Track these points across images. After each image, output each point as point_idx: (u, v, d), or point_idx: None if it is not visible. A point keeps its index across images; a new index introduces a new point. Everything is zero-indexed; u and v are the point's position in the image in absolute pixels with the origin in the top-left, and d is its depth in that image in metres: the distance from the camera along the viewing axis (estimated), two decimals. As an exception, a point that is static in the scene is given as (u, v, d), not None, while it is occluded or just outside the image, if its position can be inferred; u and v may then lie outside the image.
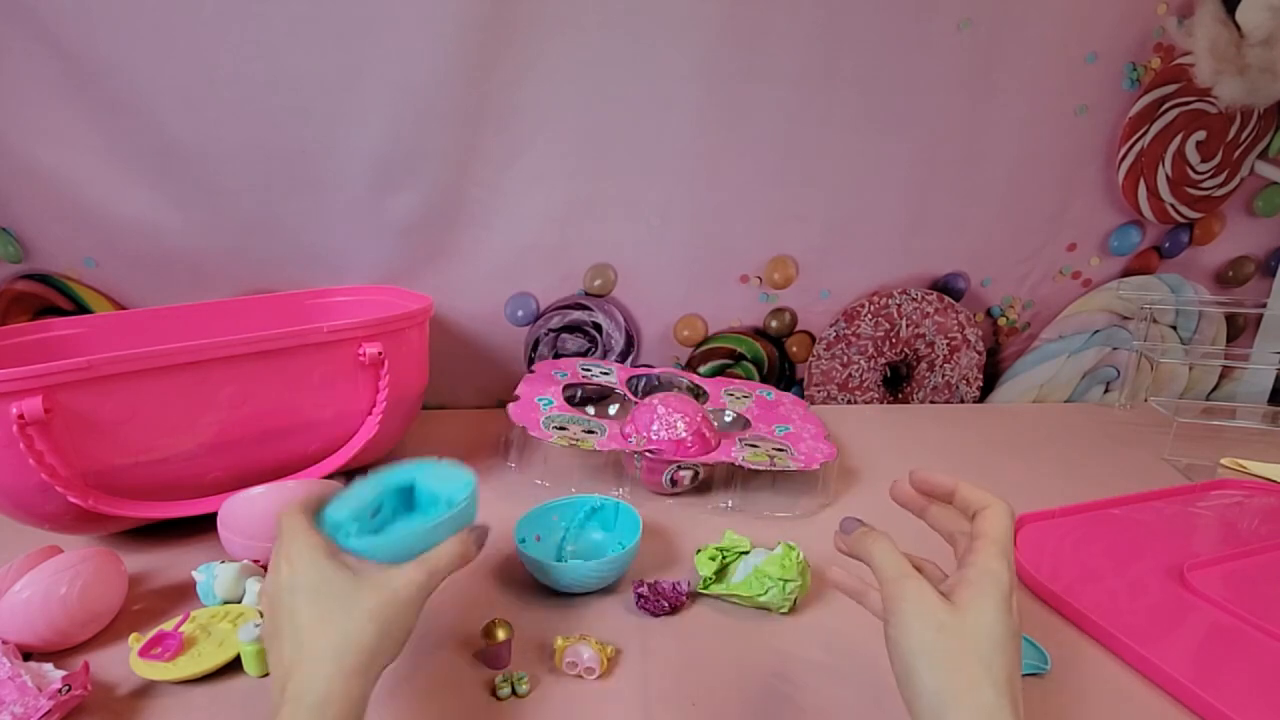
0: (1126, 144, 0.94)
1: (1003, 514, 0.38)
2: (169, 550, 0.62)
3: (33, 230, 0.81)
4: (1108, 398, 1.08)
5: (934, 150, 0.91)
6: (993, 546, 0.37)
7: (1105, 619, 0.53)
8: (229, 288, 0.86)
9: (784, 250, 0.95)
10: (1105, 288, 1.02)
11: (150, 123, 0.78)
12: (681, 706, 0.46)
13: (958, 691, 0.32)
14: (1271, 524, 0.71)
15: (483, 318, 0.94)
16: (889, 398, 1.05)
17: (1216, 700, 0.45)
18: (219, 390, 0.62)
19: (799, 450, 0.76)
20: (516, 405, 0.78)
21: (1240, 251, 1.02)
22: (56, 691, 0.43)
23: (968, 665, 0.33)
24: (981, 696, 0.32)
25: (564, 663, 0.48)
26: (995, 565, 0.36)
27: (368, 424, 0.71)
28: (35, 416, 0.52)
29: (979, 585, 0.35)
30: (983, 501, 0.39)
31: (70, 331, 0.72)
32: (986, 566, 0.36)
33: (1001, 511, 0.39)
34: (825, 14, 0.83)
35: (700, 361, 1.00)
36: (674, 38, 0.83)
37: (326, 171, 0.83)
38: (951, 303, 1.00)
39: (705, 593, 0.57)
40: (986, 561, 0.36)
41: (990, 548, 0.37)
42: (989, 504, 0.39)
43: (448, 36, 0.79)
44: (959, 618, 0.34)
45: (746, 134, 0.88)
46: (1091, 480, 0.79)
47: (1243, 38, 0.87)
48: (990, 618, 0.34)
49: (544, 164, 0.87)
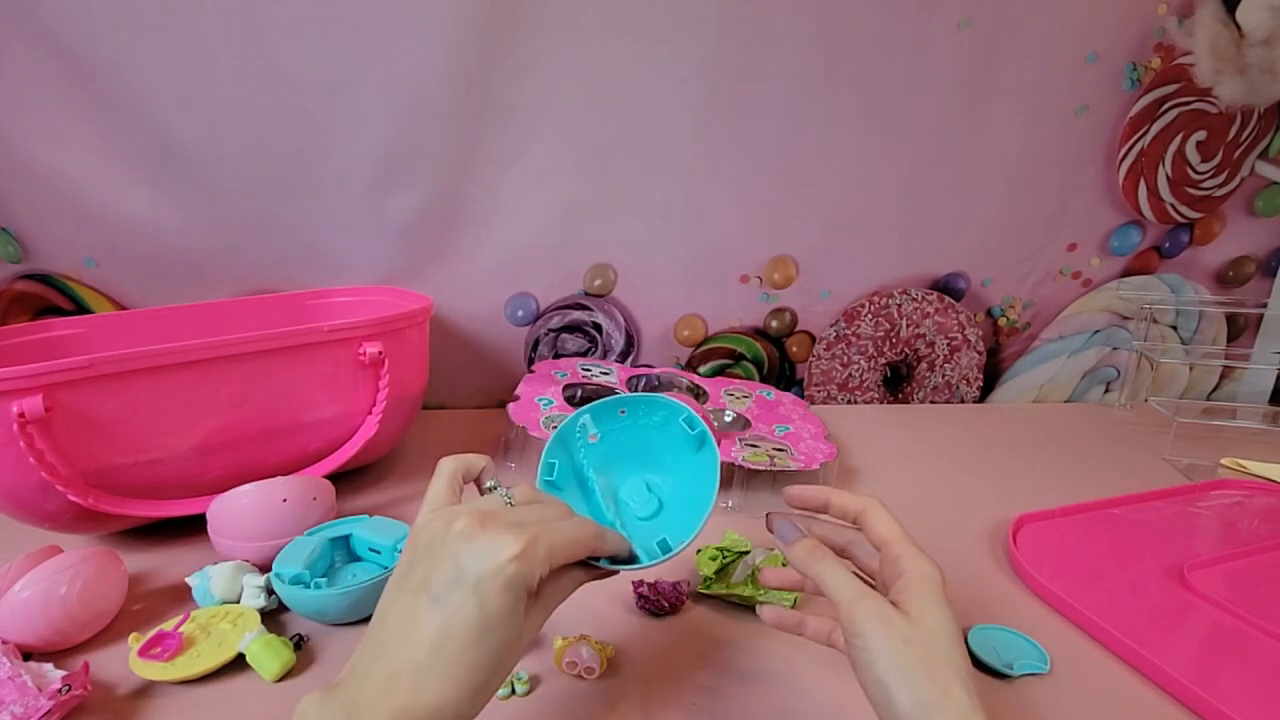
0: (1127, 144, 0.94)
1: (882, 510, 0.40)
2: (169, 550, 0.62)
3: (33, 230, 0.81)
4: (1108, 398, 1.08)
5: (934, 150, 0.91)
6: (905, 545, 0.38)
7: (1105, 619, 0.53)
8: (229, 288, 0.86)
9: (784, 250, 0.95)
10: (1105, 288, 1.02)
11: (150, 123, 0.78)
12: (681, 706, 0.46)
13: (936, 699, 0.33)
14: (1272, 524, 0.71)
15: (483, 318, 0.94)
16: (889, 398, 1.05)
17: (1216, 700, 0.45)
18: (219, 390, 0.62)
19: (799, 450, 0.76)
20: (516, 405, 0.78)
21: (1240, 251, 1.02)
22: (56, 691, 0.43)
23: (938, 670, 0.33)
24: (958, 699, 0.33)
25: (564, 662, 0.48)
26: (920, 563, 0.37)
27: (368, 424, 0.71)
28: (35, 415, 0.52)
29: (920, 587, 0.36)
30: (858, 503, 0.41)
31: (70, 331, 0.72)
32: (915, 567, 0.37)
33: (879, 508, 0.40)
34: (825, 14, 0.83)
35: (700, 361, 1.00)
36: (674, 38, 0.83)
37: (327, 171, 0.83)
38: (952, 303, 1.00)
39: (705, 593, 0.57)
40: (911, 562, 0.37)
41: (904, 547, 0.38)
42: (864, 504, 0.41)
43: (448, 36, 0.79)
44: (918, 626, 0.35)
45: (746, 134, 0.88)
46: (1091, 480, 0.79)
47: (1243, 38, 0.87)
48: (940, 616, 0.35)
49: (544, 164, 0.87)
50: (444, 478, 0.38)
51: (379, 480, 0.76)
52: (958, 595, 0.57)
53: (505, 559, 0.32)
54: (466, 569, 0.32)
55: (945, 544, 0.66)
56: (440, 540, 0.33)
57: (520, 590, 0.32)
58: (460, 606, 0.31)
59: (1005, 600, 0.58)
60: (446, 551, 0.33)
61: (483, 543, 0.32)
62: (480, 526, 0.33)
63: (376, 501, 0.72)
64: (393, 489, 0.75)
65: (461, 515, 0.34)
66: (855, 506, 0.41)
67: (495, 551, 0.32)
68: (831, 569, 0.38)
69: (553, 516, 0.37)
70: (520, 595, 0.32)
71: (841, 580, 0.38)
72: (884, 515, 0.40)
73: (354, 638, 0.52)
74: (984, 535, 0.68)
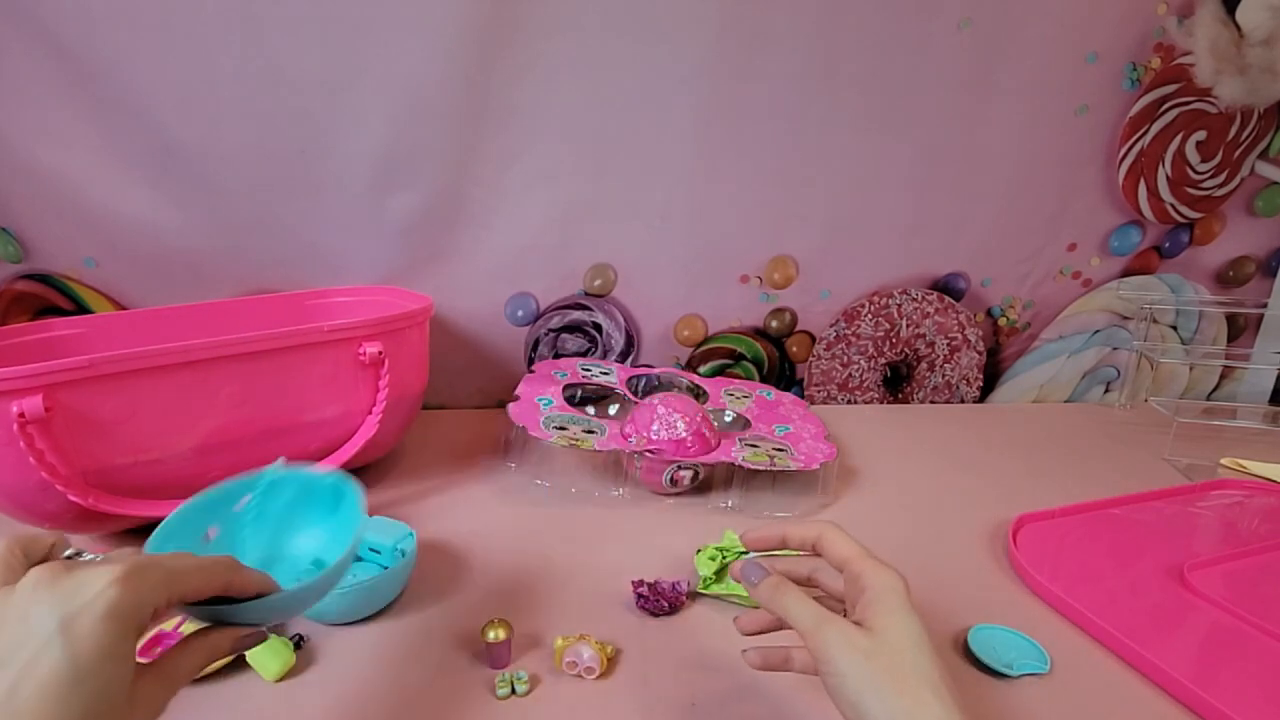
0: (1126, 144, 0.94)
1: (837, 532, 0.41)
2: (169, 550, 0.62)
3: (33, 230, 0.81)
4: (1108, 398, 1.08)
5: (934, 150, 0.91)
6: (865, 561, 0.38)
7: (1105, 619, 0.53)
8: (229, 288, 0.86)
9: (784, 250, 0.95)
10: (1105, 288, 1.02)
11: (150, 123, 0.78)
12: (681, 706, 0.46)
13: (910, 709, 0.33)
14: (1271, 524, 0.71)
15: (483, 318, 0.94)
16: (889, 398, 1.05)
17: (1216, 700, 0.45)
18: (219, 390, 0.62)
19: (799, 450, 0.76)
20: (516, 405, 0.78)
21: (1240, 251, 1.02)
22: (56, 691, 0.43)
23: (907, 681, 0.33)
24: (931, 705, 0.33)
25: (564, 663, 0.48)
26: (881, 576, 0.38)
27: (368, 423, 0.71)
28: (36, 415, 0.52)
29: (883, 600, 0.36)
30: (813, 530, 0.41)
31: (70, 331, 0.72)
32: (876, 581, 0.37)
33: (834, 531, 0.41)
34: (825, 14, 0.83)
35: (700, 361, 1.00)
36: (674, 38, 0.83)
37: (327, 171, 0.83)
38: (952, 303, 1.00)
39: (705, 593, 0.57)
40: (873, 576, 0.38)
41: (864, 564, 0.38)
42: (819, 530, 0.41)
43: (448, 36, 0.79)
44: (881, 639, 0.35)
45: (746, 134, 0.88)
46: (1091, 480, 0.79)
47: (1243, 38, 0.87)
48: (904, 626, 0.35)
49: (544, 164, 0.87)
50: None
51: (379, 480, 0.76)
52: (958, 595, 0.58)
53: (102, 585, 0.25)
54: (42, 618, 0.24)
55: (945, 544, 0.66)
56: (6, 616, 0.25)
57: (127, 620, 0.25)
58: (37, 658, 0.24)
59: (1005, 600, 0.58)
60: (11, 613, 0.25)
61: (66, 584, 0.25)
62: (62, 570, 0.26)
63: (376, 501, 0.72)
64: (393, 489, 0.75)
65: (31, 572, 0.26)
66: (811, 534, 0.41)
67: (86, 584, 0.25)
68: (795, 602, 0.38)
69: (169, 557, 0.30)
70: (128, 628, 0.25)
71: (803, 611, 0.37)
72: (840, 537, 0.40)
73: (353, 638, 0.52)
74: (984, 535, 0.68)
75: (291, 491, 0.48)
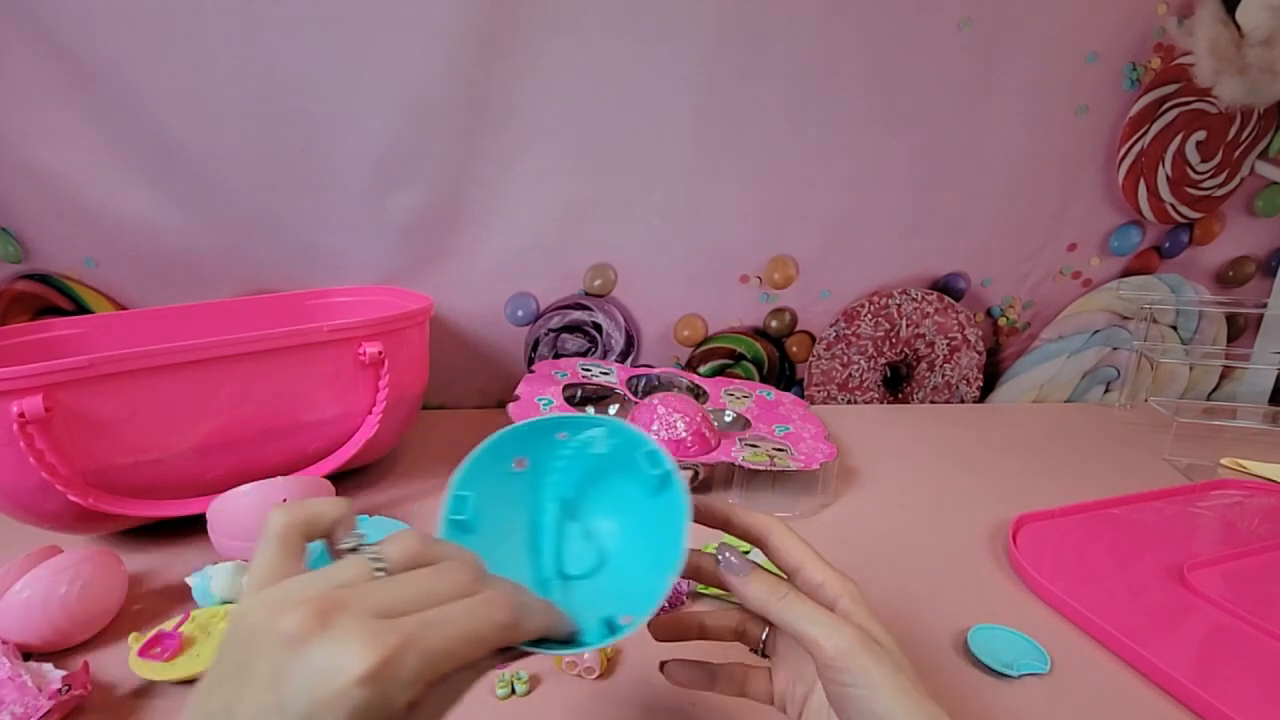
0: (1126, 144, 0.94)
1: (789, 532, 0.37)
2: (169, 550, 0.62)
3: (33, 230, 0.81)
4: (1108, 398, 1.08)
5: (934, 150, 0.91)
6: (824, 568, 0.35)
7: (1105, 619, 0.53)
8: (229, 288, 0.86)
9: (784, 250, 0.95)
10: (1105, 288, 1.02)
11: (150, 123, 0.78)
12: (681, 706, 0.46)
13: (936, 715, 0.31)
14: (1271, 524, 0.71)
15: (483, 318, 0.94)
16: (889, 398, 1.05)
17: (1216, 700, 0.45)
18: (219, 390, 0.62)
19: (799, 450, 0.76)
20: (516, 405, 0.78)
21: (1240, 251, 1.02)
22: (56, 691, 0.43)
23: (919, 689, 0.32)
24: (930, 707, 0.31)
25: (564, 662, 0.48)
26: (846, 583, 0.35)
27: (368, 423, 0.71)
28: (35, 415, 0.52)
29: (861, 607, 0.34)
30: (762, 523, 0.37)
31: (70, 331, 0.72)
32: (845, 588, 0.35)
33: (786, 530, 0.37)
34: (825, 14, 0.83)
35: (700, 361, 1.00)
36: (674, 38, 0.83)
37: (327, 171, 0.83)
38: (951, 303, 1.00)
39: (705, 593, 0.57)
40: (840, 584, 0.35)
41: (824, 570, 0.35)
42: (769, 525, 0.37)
43: (448, 36, 0.79)
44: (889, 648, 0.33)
45: (746, 134, 0.88)
46: (1091, 480, 0.79)
47: (1243, 38, 0.87)
48: (888, 633, 0.33)
49: (544, 164, 0.87)
50: (273, 539, 0.27)
51: (379, 480, 0.76)
52: (958, 595, 0.58)
53: (350, 680, 0.21)
54: (288, 699, 0.22)
55: (945, 544, 0.66)
56: (260, 642, 0.23)
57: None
58: None
59: (1005, 600, 0.58)
60: (264, 664, 0.22)
61: (319, 653, 0.22)
62: (320, 624, 0.22)
63: (376, 502, 0.72)
64: (393, 489, 0.75)
65: (296, 606, 0.23)
66: (759, 527, 0.37)
67: (335, 669, 0.22)
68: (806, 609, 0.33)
69: (445, 591, 0.26)
70: None
71: (819, 617, 0.32)
72: (793, 538, 0.37)
73: (354, 638, 0.52)
74: (984, 535, 0.68)
75: (612, 450, 0.38)
